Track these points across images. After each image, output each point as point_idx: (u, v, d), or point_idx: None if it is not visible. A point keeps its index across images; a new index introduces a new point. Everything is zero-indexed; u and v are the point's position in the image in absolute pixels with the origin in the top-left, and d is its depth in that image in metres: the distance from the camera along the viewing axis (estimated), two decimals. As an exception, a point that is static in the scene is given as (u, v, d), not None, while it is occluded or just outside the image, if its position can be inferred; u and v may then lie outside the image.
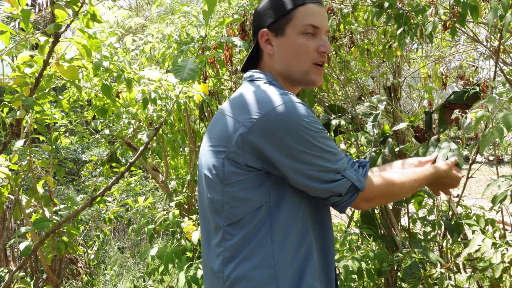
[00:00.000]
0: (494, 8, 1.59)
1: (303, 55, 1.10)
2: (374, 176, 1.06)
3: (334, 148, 1.01)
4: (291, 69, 1.11)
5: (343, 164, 1.00)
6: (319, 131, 0.99)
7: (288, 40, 1.10)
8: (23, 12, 1.52)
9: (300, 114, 0.98)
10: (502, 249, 1.37)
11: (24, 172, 2.19)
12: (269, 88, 1.05)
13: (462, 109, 1.99)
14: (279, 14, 1.10)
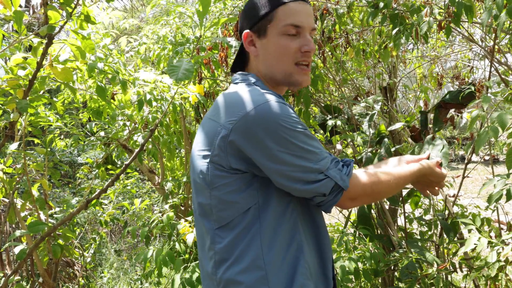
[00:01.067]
0: (488, 8, 1.59)
1: (284, 56, 1.08)
2: (359, 175, 1.04)
3: (316, 148, 1.00)
4: (274, 70, 1.10)
5: (326, 164, 0.99)
6: (299, 130, 0.98)
7: (270, 41, 1.08)
8: (16, 14, 1.51)
9: (278, 114, 0.96)
10: (498, 248, 1.37)
11: (19, 175, 2.18)
12: (250, 89, 1.04)
13: (457, 108, 2.00)
14: (260, 14, 1.08)
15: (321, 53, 2.30)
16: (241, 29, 1.13)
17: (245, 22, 1.12)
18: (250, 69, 1.14)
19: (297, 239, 1.01)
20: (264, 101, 0.98)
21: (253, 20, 1.09)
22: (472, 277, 1.42)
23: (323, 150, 1.01)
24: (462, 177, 2.13)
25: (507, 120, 1.30)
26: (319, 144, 1.02)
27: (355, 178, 1.02)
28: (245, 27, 1.11)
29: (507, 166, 1.39)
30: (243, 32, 1.11)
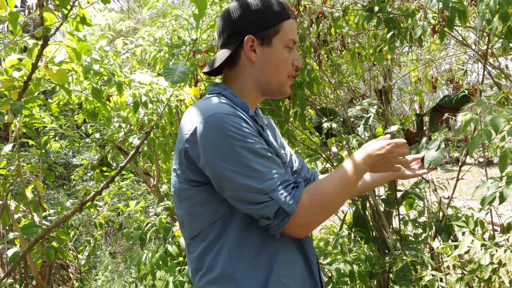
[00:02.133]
0: (481, 13, 1.61)
1: (283, 68, 1.11)
2: (307, 196, 0.97)
3: (265, 166, 0.96)
4: (270, 79, 1.12)
5: (272, 184, 0.94)
6: (247, 145, 0.95)
7: (274, 52, 1.10)
8: (11, 15, 1.51)
9: (225, 127, 0.95)
10: (491, 250, 1.38)
11: (13, 177, 2.17)
12: (208, 100, 1.05)
13: (452, 112, 2.01)
14: (268, 24, 1.09)
15: (317, 56, 2.31)
16: (239, 30, 1.09)
17: (247, 25, 1.09)
18: (240, 73, 1.12)
19: (269, 247, 1.01)
20: (215, 112, 0.98)
21: (260, 27, 1.09)
22: (466, 279, 1.43)
23: (274, 169, 0.97)
24: (456, 179, 2.15)
25: (500, 123, 1.31)
26: (271, 162, 0.98)
27: (304, 202, 0.96)
28: (248, 31, 1.09)
29: (500, 169, 1.40)
30: (245, 35, 1.09)
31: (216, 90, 1.12)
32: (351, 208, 2.74)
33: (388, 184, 2.55)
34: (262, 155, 0.97)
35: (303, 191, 0.98)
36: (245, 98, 1.13)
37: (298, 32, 2.25)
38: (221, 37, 1.14)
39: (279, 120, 2.39)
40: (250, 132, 0.98)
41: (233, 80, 1.13)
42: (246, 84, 1.12)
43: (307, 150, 2.78)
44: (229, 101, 1.07)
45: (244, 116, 1.01)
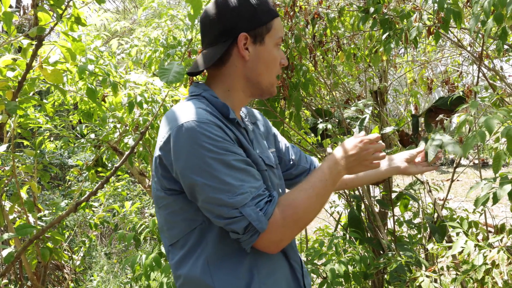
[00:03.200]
0: (476, 14, 1.61)
1: (274, 67, 1.09)
2: (279, 211, 0.94)
3: (238, 179, 0.92)
4: (261, 79, 1.08)
5: (243, 199, 0.90)
6: (220, 157, 0.91)
7: (266, 50, 1.07)
8: (6, 15, 1.50)
9: (198, 137, 0.91)
10: (485, 251, 1.39)
11: (8, 178, 2.16)
12: (186, 104, 1.01)
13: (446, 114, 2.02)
14: (261, 21, 1.05)
15: (312, 57, 2.32)
16: (231, 28, 1.04)
17: (240, 22, 1.04)
18: (229, 72, 1.07)
19: (250, 255, 0.99)
20: (187, 120, 0.94)
21: (253, 24, 1.05)
22: (459, 279, 1.43)
23: (248, 182, 0.93)
24: (451, 180, 2.16)
25: (494, 124, 1.32)
26: (246, 175, 0.94)
27: (275, 217, 0.93)
28: (241, 28, 1.04)
29: (494, 170, 1.41)
30: (238, 33, 1.04)
31: (196, 91, 1.07)
32: (346, 209, 2.74)
33: (383, 185, 2.56)
34: (236, 168, 0.93)
35: (276, 205, 0.94)
36: (230, 99, 1.09)
37: (294, 33, 2.26)
38: (208, 34, 1.08)
39: (275, 121, 2.39)
40: (224, 142, 0.94)
41: (219, 81, 1.09)
42: (234, 84, 1.08)
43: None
44: (208, 104, 1.03)
45: (221, 124, 0.96)
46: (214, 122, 0.95)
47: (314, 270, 1.90)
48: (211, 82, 1.10)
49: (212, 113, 0.98)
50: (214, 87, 1.09)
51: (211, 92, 1.07)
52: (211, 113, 0.98)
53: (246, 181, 0.93)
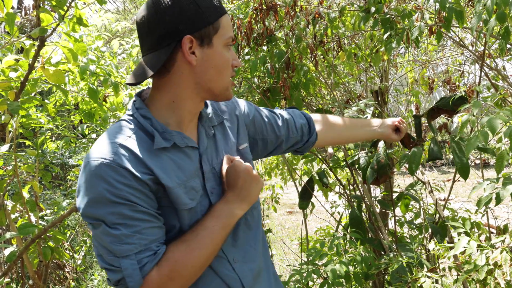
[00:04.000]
0: (478, 13, 1.61)
1: (226, 70, 0.99)
2: (157, 268, 0.89)
3: (129, 229, 0.87)
4: (212, 84, 0.99)
5: (127, 250, 0.87)
6: (113, 200, 0.86)
7: (215, 52, 0.96)
8: (8, 16, 1.51)
9: (96, 182, 0.87)
10: (487, 251, 1.39)
11: (10, 177, 2.16)
12: (108, 133, 0.95)
13: (448, 114, 2.02)
14: (207, 21, 0.94)
15: (313, 56, 2.32)
16: (173, 31, 0.92)
17: (183, 23, 0.92)
18: (173, 81, 0.97)
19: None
20: (93, 158, 0.89)
21: (197, 25, 0.93)
22: (461, 279, 1.43)
23: (140, 234, 0.88)
24: (452, 181, 2.15)
25: (497, 124, 1.31)
26: (139, 227, 0.88)
27: (151, 275, 0.88)
28: (185, 30, 0.92)
29: (497, 170, 1.40)
30: (182, 36, 0.92)
31: (130, 110, 0.99)
32: (347, 209, 2.74)
33: (384, 186, 2.56)
34: (130, 217, 0.88)
35: (159, 261, 0.90)
36: (177, 112, 0.99)
37: (294, 33, 2.25)
38: (147, 39, 0.95)
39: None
40: (122, 191, 0.87)
41: (164, 91, 0.98)
42: (180, 94, 0.98)
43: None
44: (135, 129, 0.95)
45: (128, 165, 0.88)
46: (119, 164, 0.88)
47: (315, 270, 1.90)
48: (155, 93, 1.00)
49: (128, 148, 0.91)
50: (157, 99, 0.99)
51: (144, 111, 0.97)
52: (126, 148, 0.91)
53: (139, 232, 0.88)
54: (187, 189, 0.97)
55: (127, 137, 0.93)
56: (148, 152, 0.93)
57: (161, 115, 0.98)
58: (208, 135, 1.07)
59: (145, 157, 0.92)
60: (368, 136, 1.52)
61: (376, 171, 1.86)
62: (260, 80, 2.44)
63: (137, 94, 1.04)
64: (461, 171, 1.58)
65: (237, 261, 1.05)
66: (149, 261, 0.89)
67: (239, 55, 2.28)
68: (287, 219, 6.62)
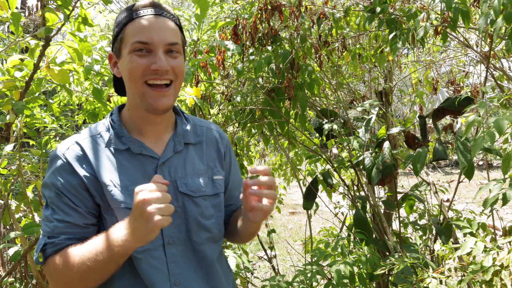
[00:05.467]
0: (485, 14, 1.60)
1: (133, 76, 1.00)
2: (56, 257, 0.99)
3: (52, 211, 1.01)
4: (130, 93, 1.05)
5: (44, 230, 1.02)
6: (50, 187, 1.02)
7: (124, 62, 1.02)
8: (13, 15, 1.51)
9: (49, 166, 1.05)
10: (493, 252, 1.38)
11: (14, 177, 2.16)
12: (80, 131, 1.11)
13: (453, 114, 2.01)
14: (115, 34, 1.04)
15: (318, 57, 2.31)
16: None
17: (111, 44, 1.08)
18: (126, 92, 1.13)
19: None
20: (56, 147, 1.06)
21: (113, 41, 1.06)
22: (466, 280, 1.42)
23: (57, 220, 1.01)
24: (457, 182, 2.14)
25: (504, 125, 1.30)
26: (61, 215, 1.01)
27: (49, 261, 1.00)
28: (112, 49, 1.08)
29: (503, 171, 1.40)
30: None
31: (109, 113, 1.14)
32: (351, 210, 2.73)
33: (388, 186, 2.55)
34: (57, 205, 1.01)
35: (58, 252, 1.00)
36: (132, 118, 1.09)
37: (299, 33, 2.25)
38: None
39: (280, 121, 2.38)
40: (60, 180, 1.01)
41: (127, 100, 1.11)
42: (129, 102, 1.09)
43: (307, 152, 2.78)
44: (107, 128, 1.08)
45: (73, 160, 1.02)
46: (66, 158, 1.02)
47: (320, 271, 1.89)
48: None
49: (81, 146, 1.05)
50: (125, 106, 1.12)
51: (114, 116, 1.10)
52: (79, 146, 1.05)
53: (58, 220, 1.01)
54: (129, 191, 1.01)
55: (88, 137, 1.07)
56: (100, 152, 1.04)
57: (126, 121, 1.10)
58: (176, 149, 1.10)
59: (93, 157, 1.03)
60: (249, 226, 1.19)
61: (382, 171, 1.86)
62: (265, 80, 2.44)
63: None
64: (466, 171, 1.58)
65: (178, 284, 1.04)
66: (49, 247, 1.00)
67: (244, 55, 2.27)
68: (290, 219, 6.62)
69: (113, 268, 0.96)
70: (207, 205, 1.10)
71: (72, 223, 1.01)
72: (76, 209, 1.01)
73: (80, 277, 0.96)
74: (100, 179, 1.01)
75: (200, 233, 1.08)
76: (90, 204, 1.02)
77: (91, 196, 1.02)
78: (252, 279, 3.12)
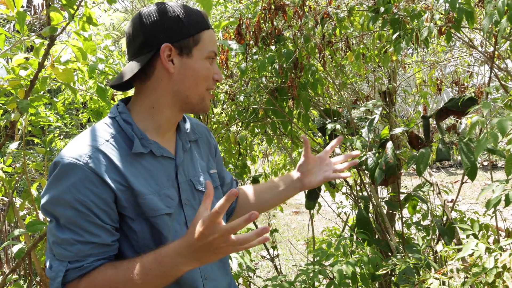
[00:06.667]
0: (489, 14, 1.60)
1: (203, 81, 1.04)
2: (82, 282, 0.90)
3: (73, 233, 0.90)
4: (190, 93, 1.04)
5: (63, 255, 0.90)
6: (71, 204, 0.89)
7: (194, 63, 1.02)
8: (19, 14, 1.52)
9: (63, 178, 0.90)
10: (496, 254, 1.37)
11: (18, 175, 2.18)
12: (86, 133, 0.99)
13: (457, 115, 2.00)
14: (187, 32, 1.00)
15: (321, 57, 2.31)
16: (151, 38, 0.99)
17: (163, 33, 0.99)
18: (153, 87, 1.02)
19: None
20: (62, 157, 0.92)
21: (177, 36, 0.99)
22: (469, 282, 1.42)
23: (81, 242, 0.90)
24: (461, 182, 2.14)
25: (507, 126, 1.30)
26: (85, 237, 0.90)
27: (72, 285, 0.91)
28: (164, 39, 0.99)
29: (506, 172, 1.39)
30: (162, 44, 0.98)
31: (112, 113, 1.03)
32: (354, 210, 2.73)
33: (391, 187, 2.55)
34: (80, 226, 0.90)
35: (86, 276, 0.91)
36: (155, 118, 1.03)
37: (303, 33, 2.25)
38: (131, 46, 1.03)
39: (283, 121, 2.39)
40: (87, 195, 0.90)
41: (144, 96, 1.03)
42: (159, 100, 1.03)
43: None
44: (117, 131, 0.99)
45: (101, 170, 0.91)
46: (92, 169, 0.91)
47: (322, 271, 1.89)
48: (136, 98, 1.05)
49: (104, 153, 0.94)
50: (138, 104, 1.04)
51: (126, 115, 1.01)
52: (102, 153, 0.94)
53: (81, 243, 0.90)
54: (161, 196, 0.99)
55: (105, 141, 0.97)
56: (123, 158, 0.97)
57: (140, 120, 1.03)
58: (184, 148, 1.11)
59: (120, 164, 0.95)
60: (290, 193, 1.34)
61: (385, 171, 1.85)
62: (268, 80, 2.44)
63: (122, 101, 1.08)
64: (469, 172, 1.57)
65: (208, 278, 1.07)
66: (72, 272, 0.90)
67: (247, 54, 2.28)
68: (293, 219, 6.62)
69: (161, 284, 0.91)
70: (214, 199, 1.13)
71: (99, 243, 0.92)
72: (104, 227, 0.92)
73: None
74: (135, 187, 0.95)
75: None
76: (116, 218, 0.96)
77: (117, 209, 0.96)
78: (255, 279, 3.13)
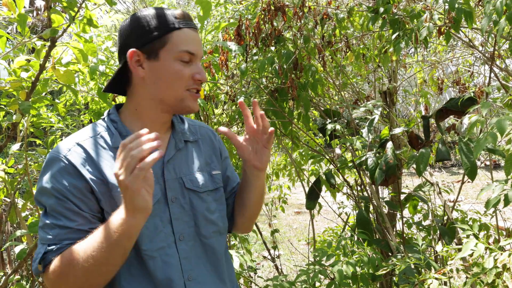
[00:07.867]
0: (488, 14, 1.60)
1: (177, 82, 1.05)
2: (56, 262, 0.95)
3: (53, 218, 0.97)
4: (164, 95, 1.06)
5: (44, 238, 0.97)
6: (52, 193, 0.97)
7: (163, 65, 1.04)
8: (20, 17, 1.53)
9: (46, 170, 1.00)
10: (495, 254, 1.38)
11: (20, 176, 2.19)
12: (79, 131, 1.08)
13: (457, 115, 2.00)
14: (152, 36, 1.02)
15: (321, 57, 2.32)
16: (123, 46, 1.06)
17: (130, 40, 1.04)
18: (133, 91, 1.08)
19: None
20: (52, 151, 1.02)
21: (142, 40, 1.03)
22: (469, 282, 1.42)
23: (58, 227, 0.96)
24: (461, 182, 2.14)
25: (506, 126, 1.30)
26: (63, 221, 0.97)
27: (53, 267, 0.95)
28: (131, 45, 1.03)
29: (506, 172, 1.39)
30: (128, 50, 1.03)
31: (105, 113, 1.11)
32: (354, 210, 2.74)
33: (392, 187, 2.55)
34: (59, 212, 0.97)
35: (59, 255, 0.96)
36: (141, 118, 1.08)
37: (302, 33, 2.25)
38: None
39: (283, 121, 2.39)
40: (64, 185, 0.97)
41: (129, 99, 1.09)
42: (140, 103, 1.07)
43: (310, 152, 2.78)
44: (106, 129, 1.07)
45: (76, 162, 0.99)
46: (69, 161, 0.99)
47: (322, 271, 1.90)
48: (126, 101, 1.12)
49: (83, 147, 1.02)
50: (126, 106, 1.11)
51: (114, 116, 1.09)
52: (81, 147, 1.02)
53: (60, 227, 0.97)
54: None
55: (88, 137, 1.05)
56: (105, 152, 1.03)
57: (128, 121, 1.09)
58: (177, 147, 1.13)
59: (99, 157, 1.02)
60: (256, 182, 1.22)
61: (385, 172, 1.86)
62: (268, 81, 2.45)
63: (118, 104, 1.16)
64: (469, 172, 1.57)
65: (192, 280, 1.07)
66: (50, 254, 0.96)
67: (247, 55, 2.28)
68: (295, 219, 6.62)
69: (120, 254, 0.93)
70: (211, 200, 1.15)
71: (76, 229, 0.97)
72: (80, 214, 0.98)
73: (85, 273, 0.93)
74: (110, 180, 1.00)
75: (207, 227, 1.12)
76: (96, 207, 1.00)
77: (96, 200, 1.00)
78: (256, 279, 3.13)
